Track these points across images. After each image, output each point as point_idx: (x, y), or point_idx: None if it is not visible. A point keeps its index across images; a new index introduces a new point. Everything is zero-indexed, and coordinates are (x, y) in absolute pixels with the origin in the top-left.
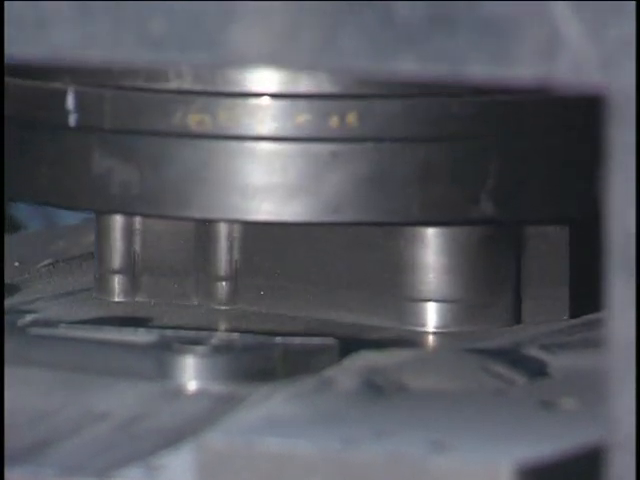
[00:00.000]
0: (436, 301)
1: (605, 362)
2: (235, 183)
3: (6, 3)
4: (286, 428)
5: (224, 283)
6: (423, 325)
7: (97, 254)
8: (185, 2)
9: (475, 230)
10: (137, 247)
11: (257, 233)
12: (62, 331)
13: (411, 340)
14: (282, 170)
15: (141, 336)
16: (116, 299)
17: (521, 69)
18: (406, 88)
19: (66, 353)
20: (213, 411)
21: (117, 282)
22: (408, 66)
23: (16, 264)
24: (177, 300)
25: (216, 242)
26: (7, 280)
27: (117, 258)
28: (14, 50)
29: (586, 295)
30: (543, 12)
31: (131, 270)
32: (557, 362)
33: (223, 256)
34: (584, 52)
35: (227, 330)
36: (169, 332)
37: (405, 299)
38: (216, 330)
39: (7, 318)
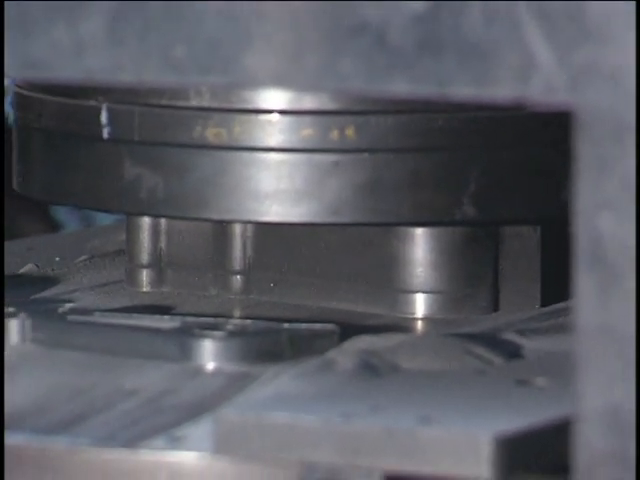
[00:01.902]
0: (424, 292)
1: (572, 344)
2: (248, 189)
3: (44, 29)
4: (292, 403)
5: (238, 276)
6: (413, 313)
7: (127, 250)
8: (204, 30)
9: (458, 230)
10: (162, 244)
11: (267, 232)
12: (96, 318)
13: (403, 326)
14: (289, 177)
15: (165, 322)
16: (144, 290)
17: (499, 89)
18: (398, 105)
19: (100, 337)
20: (228, 388)
21: (145, 275)
22: (400, 87)
23: (57, 259)
24: (197, 291)
25: (231, 240)
26: (49, 273)
27: (145, 254)
28: (54, 73)
29: (555, 286)
30: (519, 39)
31: (157, 265)
32: (531, 345)
33: (237, 252)
34: (555, 74)
35: (241, 317)
36: (190, 319)
37: (397, 290)
38: (231, 317)
39: (49, 306)
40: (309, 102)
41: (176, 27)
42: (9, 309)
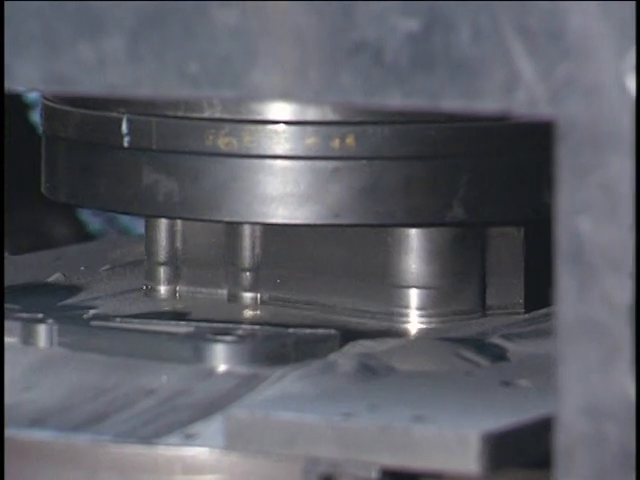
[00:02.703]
0: (417, 287)
1: (553, 347)
2: (256, 193)
3: (69, 47)
4: (296, 403)
5: (248, 273)
6: (407, 307)
7: (146, 249)
8: (216, 48)
9: (448, 230)
10: (178, 244)
11: (274, 233)
12: (117, 323)
13: (399, 328)
14: (294, 182)
15: (180, 328)
16: (162, 286)
17: (486, 102)
18: (394, 116)
19: (121, 341)
20: (238, 388)
21: (162, 272)
22: (395, 100)
23: (82, 268)
24: (210, 288)
25: (241, 240)
26: (75, 282)
27: (162, 253)
28: (78, 87)
29: (538, 281)
30: (504, 56)
31: (174, 262)
32: (514, 349)
33: (247, 251)
34: (537, 88)
35: (250, 317)
36: (203, 324)
37: (392, 286)
38: (241, 320)
39: (74, 312)
40: (312, 113)
41: (190, 45)
42: (38, 315)
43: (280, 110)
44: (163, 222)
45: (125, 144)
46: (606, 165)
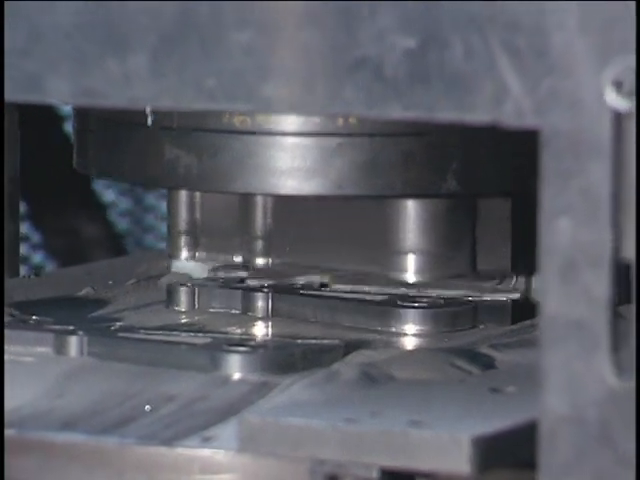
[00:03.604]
0: (414, 253)
1: (538, 357)
2: (268, 167)
3: (97, 63)
4: (304, 408)
5: (260, 241)
6: (405, 271)
7: (168, 221)
8: (231, 65)
9: (442, 202)
10: (197, 214)
11: (284, 204)
12: (142, 335)
13: (396, 342)
14: (301, 157)
15: (198, 339)
16: (182, 253)
17: (477, 113)
18: None
19: (144, 351)
20: (251, 395)
21: (182, 241)
22: (394, 112)
23: (110, 282)
24: (226, 254)
25: (254, 210)
26: (103, 295)
27: (182, 223)
28: (106, 100)
29: (523, 248)
30: (493, 71)
31: (193, 232)
32: (503, 358)
33: (259, 221)
34: (523, 101)
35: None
36: (219, 336)
37: (392, 252)
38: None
39: (102, 325)
40: None
41: (207, 62)
42: (69, 327)
43: None
44: (183, 194)
45: (149, 123)
46: (586, 171)
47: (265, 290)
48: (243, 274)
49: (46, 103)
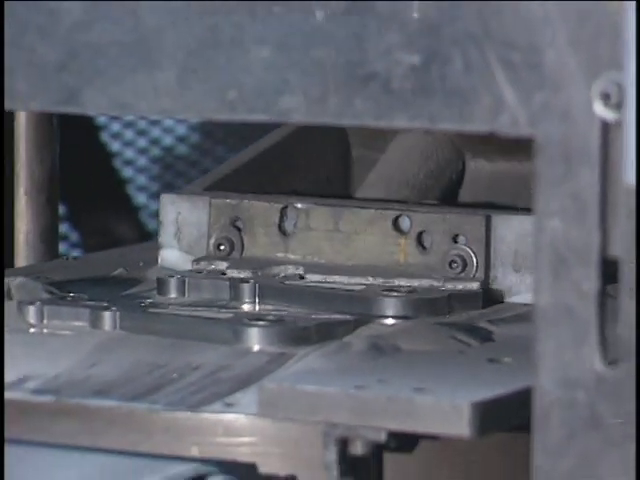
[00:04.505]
0: None
1: (531, 329)
2: None
3: (128, 77)
4: (318, 376)
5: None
6: None
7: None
8: (251, 79)
9: None
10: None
11: None
12: (170, 310)
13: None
14: None
15: (222, 314)
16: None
17: (476, 124)
18: None
19: (172, 325)
20: (270, 365)
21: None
22: (400, 122)
23: (141, 264)
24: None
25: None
26: (135, 275)
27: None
28: (136, 112)
29: None
30: (491, 84)
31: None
32: (499, 331)
33: None
34: (519, 112)
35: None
36: (241, 311)
37: None
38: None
39: (133, 301)
40: None
41: (230, 76)
42: (103, 303)
43: None
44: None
45: None
46: (576, 176)
47: (251, 281)
48: (224, 265)
49: (83, 114)
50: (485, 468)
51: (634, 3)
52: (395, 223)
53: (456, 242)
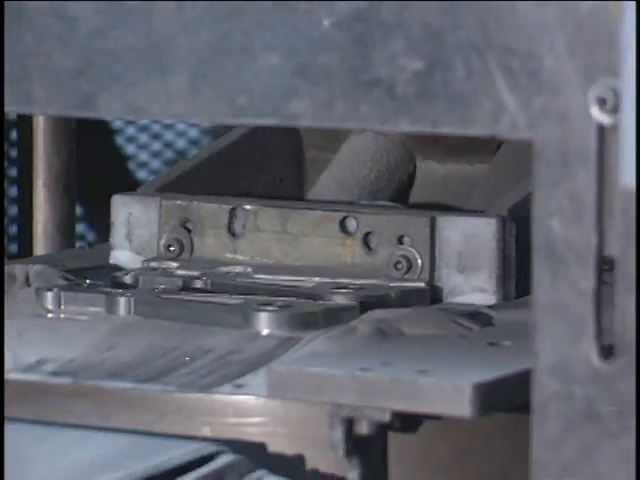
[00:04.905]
0: None
1: (530, 315)
2: None
3: (142, 82)
4: (324, 359)
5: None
6: None
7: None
8: (260, 84)
9: None
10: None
11: None
12: (182, 296)
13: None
14: None
15: (232, 299)
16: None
17: (477, 127)
18: None
19: (184, 310)
20: (278, 348)
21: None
22: (404, 126)
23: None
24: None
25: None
26: (154, 264)
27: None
28: (149, 116)
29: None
30: (491, 89)
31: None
32: (499, 317)
33: None
34: (518, 116)
35: None
36: (250, 297)
37: None
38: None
39: (149, 288)
40: None
41: (240, 82)
42: (118, 290)
43: None
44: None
45: None
46: (574, 178)
47: (203, 278)
48: (173, 265)
49: (99, 118)
50: (486, 447)
51: (629, 13)
52: (342, 224)
53: (402, 243)
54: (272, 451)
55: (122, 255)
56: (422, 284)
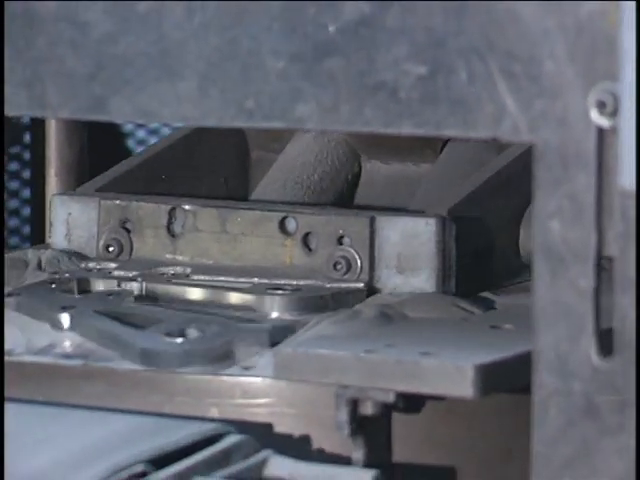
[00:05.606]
0: None
1: (530, 300)
2: None
3: (152, 86)
4: (330, 341)
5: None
6: None
7: None
8: (267, 88)
9: None
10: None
11: None
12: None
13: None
14: None
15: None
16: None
17: (479, 130)
18: None
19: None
20: (286, 331)
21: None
22: (408, 129)
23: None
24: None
25: None
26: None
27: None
28: (160, 120)
29: None
30: (493, 93)
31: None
32: (501, 301)
33: None
34: (519, 120)
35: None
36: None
37: None
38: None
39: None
40: None
41: (248, 86)
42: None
43: None
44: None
45: None
46: (573, 179)
47: (138, 279)
48: (112, 266)
49: (110, 121)
50: (488, 427)
51: (629, 18)
52: (281, 225)
53: (341, 244)
54: (278, 431)
55: (59, 255)
56: (361, 285)
